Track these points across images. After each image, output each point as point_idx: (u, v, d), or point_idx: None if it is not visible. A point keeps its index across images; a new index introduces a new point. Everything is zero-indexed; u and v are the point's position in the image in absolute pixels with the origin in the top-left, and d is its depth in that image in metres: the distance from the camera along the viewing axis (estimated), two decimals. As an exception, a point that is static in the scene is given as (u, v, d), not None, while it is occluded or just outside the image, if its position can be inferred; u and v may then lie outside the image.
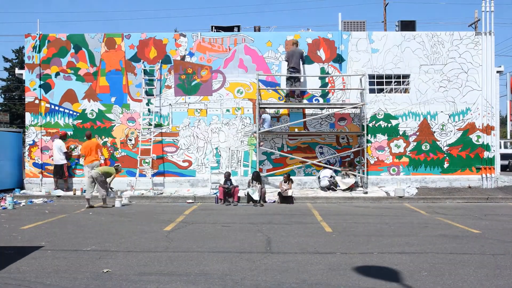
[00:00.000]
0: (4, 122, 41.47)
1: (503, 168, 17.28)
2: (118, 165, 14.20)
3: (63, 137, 15.71)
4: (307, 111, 15.98)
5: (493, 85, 15.86)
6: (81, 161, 15.61)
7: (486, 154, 15.81)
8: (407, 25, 16.32)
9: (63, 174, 15.55)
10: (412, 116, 15.91)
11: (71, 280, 5.87)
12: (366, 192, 14.72)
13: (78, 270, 6.30)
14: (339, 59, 15.95)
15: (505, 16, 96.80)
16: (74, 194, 14.86)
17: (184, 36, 16.10)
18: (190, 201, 13.94)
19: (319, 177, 15.36)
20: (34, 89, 16.07)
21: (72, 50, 16.04)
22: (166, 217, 10.87)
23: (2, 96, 47.82)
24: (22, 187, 16.23)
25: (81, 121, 16.02)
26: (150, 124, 15.85)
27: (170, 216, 11.01)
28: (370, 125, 15.84)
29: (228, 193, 13.66)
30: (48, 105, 16.02)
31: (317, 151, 15.92)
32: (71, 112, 16.02)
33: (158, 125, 15.96)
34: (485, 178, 15.76)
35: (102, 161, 15.41)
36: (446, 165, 15.77)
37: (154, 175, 15.71)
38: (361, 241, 8.13)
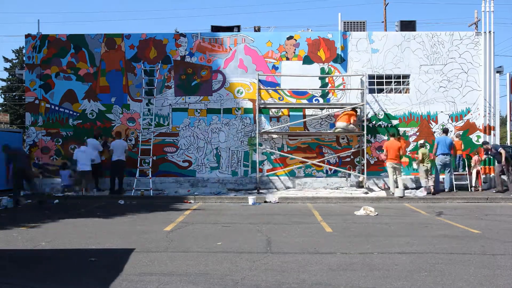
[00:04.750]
0: (4, 122, 41.49)
1: None
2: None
3: (97, 136, 15.45)
4: (307, 111, 15.98)
5: (493, 85, 15.86)
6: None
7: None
8: (407, 25, 16.33)
9: (101, 173, 15.38)
10: (412, 116, 15.91)
11: (71, 281, 5.87)
12: (367, 192, 14.72)
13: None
14: (339, 59, 15.95)
15: (505, 16, 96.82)
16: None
17: (184, 36, 16.11)
18: (190, 201, 13.94)
19: None
20: (34, 89, 16.09)
21: (72, 50, 16.05)
22: (166, 217, 10.87)
23: (2, 96, 47.83)
24: (21, 187, 16.21)
25: (81, 121, 16.04)
26: (150, 124, 15.86)
27: (170, 216, 11.01)
28: (370, 125, 15.84)
29: None
30: (48, 105, 16.04)
31: (317, 151, 15.93)
32: (71, 112, 16.03)
33: (158, 125, 15.97)
34: (485, 178, 15.74)
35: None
36: (446, 165, 15.75)
37: (154, 175, 15.70)
38: (361, 241, 8.13)
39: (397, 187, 14.44)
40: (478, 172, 15.37)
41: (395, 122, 15.91)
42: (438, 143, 14.82)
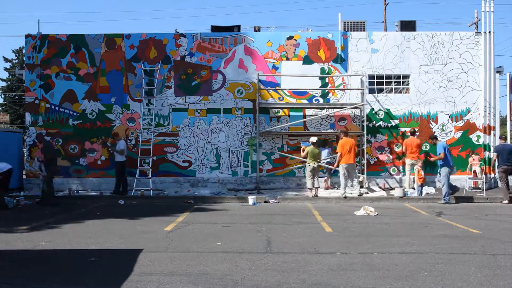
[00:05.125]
0: (4, 122, 41.50)
1: None
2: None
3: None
4: (307, 111, 15.98)
5: (493, 85, 15.86)
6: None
7: (486, 154, 15.80)
8: (407, 25, 16.32)
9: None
10: (412, 116, 15.91)
11: (71, 280, 5.87)
12: (367, 192, 14.72)
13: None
14: (339, 59, 15.95)
15: (505, 16, 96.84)
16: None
17: (184, 36, 16.11)
18: (190, 201, 13.93)
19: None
20: (34, 89, 16.08)
21: (72, 51, 16.05)
22: (166, 217, 10.87)
23: (2, 96, 47.84)
24: (21, 187, 16.24)
25: (81, 121, 16.03)
26: (150, 124, 15.86)
27: (170, 216, 11.01)
28: (370, 125, 15.84)
29: None
30: (48, 105, 16.03)
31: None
32: (71, 112, 16.03)
33: (158, 125, 15.97)
34: (485, 178, 15.73)
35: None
36: (446, 165, 15.74)
37: (154, 175, 15.69)
38: (361, 241, 8.13)
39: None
40: (475, 172, 15.38)
41: (395, 122, 15.91)
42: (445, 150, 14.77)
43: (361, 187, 15.38)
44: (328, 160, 15.50)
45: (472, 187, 15.35)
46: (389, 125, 15.92)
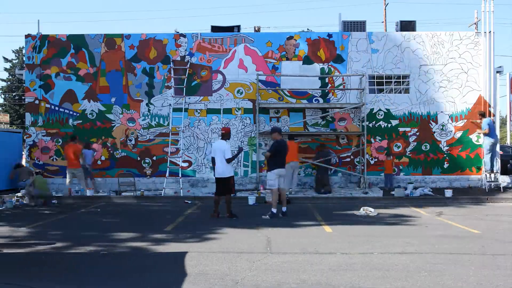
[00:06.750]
0: (4, 122, 41.52)
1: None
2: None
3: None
4: (307, 111, 15.97)
5: (493, 85, 15.85)
6: None
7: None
8: (407, 25, 16.32)
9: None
10: (412, 116, 15.90)
11: (70, 280, 5.87)
12: (366, 192, 14.71)
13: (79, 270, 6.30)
14: (339, 59, 15.95)
15: (505, 16, 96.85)
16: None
17: (184, 36, 16.11)
18: (190, 201, 13.92)
19: None
20: (34, 90, 16.08)
21: (72, 51, 16.05)
22: (166, 218, 10.86)
23: (2, 96, 47.84)
24: (21, 187, 16.22)
25: (81, 121, 16.03)
26: (150, 125, 15.85)
27: (170, 217, 10.99)
28: (370, 125, 15.83)
29: None
30: (48, 106, 16.03)
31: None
32: (71, 113, 16.02)
33: (158, 125, 15.96)
34: (485, 178, 15.72)
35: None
36: (446, 165, 15.76)
37: (154, 175, 15.69)
38: (361, 241, 8.12)
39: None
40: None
41: (395, 122, 15.90)
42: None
43: (360, 187, 15.38)
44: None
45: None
46: (389, 125, 15.91)
